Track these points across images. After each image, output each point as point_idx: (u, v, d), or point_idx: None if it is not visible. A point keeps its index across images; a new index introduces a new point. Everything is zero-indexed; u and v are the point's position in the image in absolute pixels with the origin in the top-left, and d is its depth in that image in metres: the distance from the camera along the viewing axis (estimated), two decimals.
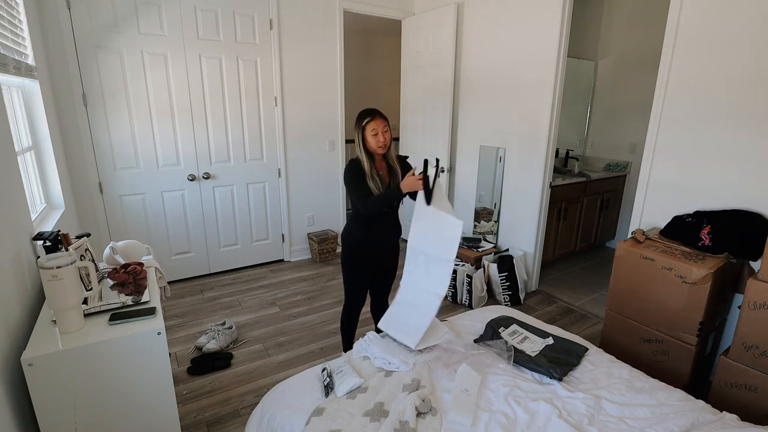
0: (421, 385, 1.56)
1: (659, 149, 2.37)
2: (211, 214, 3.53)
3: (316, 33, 3.63)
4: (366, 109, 1.96)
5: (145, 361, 1.40)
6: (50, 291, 1.29)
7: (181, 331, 2.77)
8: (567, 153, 4.27)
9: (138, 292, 1.56)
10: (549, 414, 1.44)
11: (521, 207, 3.34)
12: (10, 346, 1.29)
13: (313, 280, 3.60)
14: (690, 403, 1.50)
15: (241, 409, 2.08)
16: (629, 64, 4.00)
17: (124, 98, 3.00)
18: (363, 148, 1.94)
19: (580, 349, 1.83)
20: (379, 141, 1.91)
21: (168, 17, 3.02)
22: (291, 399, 1.57)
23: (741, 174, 2.06)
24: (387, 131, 1.93)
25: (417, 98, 4.02)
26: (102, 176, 3.04)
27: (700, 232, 2.06)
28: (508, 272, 3.14)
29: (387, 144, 1.95)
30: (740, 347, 1.76)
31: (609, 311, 2.28)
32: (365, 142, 1.93)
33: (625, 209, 4.22)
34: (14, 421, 1.23)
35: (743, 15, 1.97)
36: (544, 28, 2.91)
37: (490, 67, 3.37)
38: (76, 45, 2.77)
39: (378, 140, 1.91)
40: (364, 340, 1.86)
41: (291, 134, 3.72)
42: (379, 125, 1.90)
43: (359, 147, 1.94)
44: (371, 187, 1.94)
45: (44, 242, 1.57)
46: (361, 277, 2.17)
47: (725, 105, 2.08)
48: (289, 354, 2.54)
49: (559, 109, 3.00)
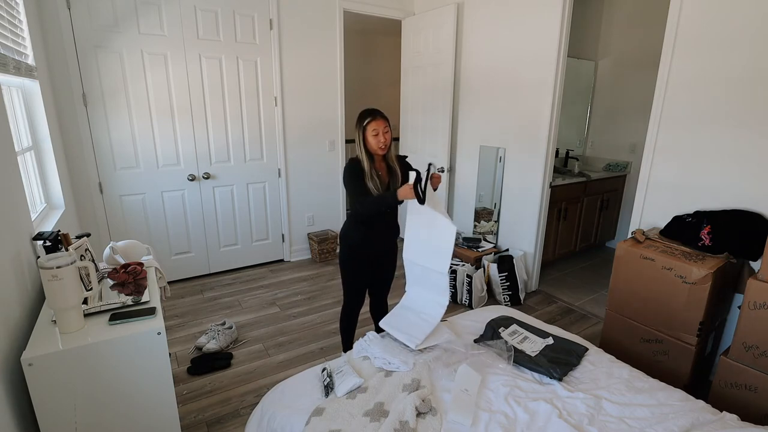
0: (421, 385, 1.56)
1: (659, 149, 2.37)
2: (211, 214, 3.53)
3: (316, 33, 3.63)
4: (367, 109, 1.96)
5: (145, 361, 1.39)
6: (50, 291, 1.29)
7: (181, 331, 2.77)
8: (567, 153, 4.27)
9: (138, 292, 1.56)
10: (549, 414, 1.44)
11: (521, 207, 3.34)
12: (10, 346, 1.29)
13: (313, 280, 3.60)
14: (690, 403, 1.50)
15: (241, 409, 2.08)
16: (629, 64, 4.00)
17: (124, 98, 3.00)
18: (363, 148, 1.94)
19: (580, 349, 1.83)
20: (380, 141, 1.91)
21: (168, 17, 3.02)
22: (291, 399, 1.57)
23: (741, 174, 2.06)
24: (388, 132, 1.94)
25: (417, 98, 4.02)
26: (102, 176, 3.05)
27: (700, 232, 2.06)
28: (508, 272, 3.14)
29: (387, 144, 1.95)
30: (740, 347, 1.76)
31: (609, 311, 2.28)
32: (366, 142, 1.93)
33: (625, 209, 4.22)
34: (14, 421, 1.23)
35: (743, 15, 1.97)
36: (544, 28, 2.91)
37: (490, 67, 3.37)
38: (76, 45, 2.77)
39: (378, 141, 1.91)
40: (364, 340, 1.86)
41: (291, 134, 3.72)
42: (380, 126, 1.90)
43: (359, 147, 1.94)
44: (370, 187, 1.94)
45: (44, 242, 1.57)
46: (361, 277, 2.16)
47: (725, 105, 2.08)
48: (289, 354, 2.54)
49: (559, 109, 3.00)
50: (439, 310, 1.87)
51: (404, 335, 1.81)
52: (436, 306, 1.89)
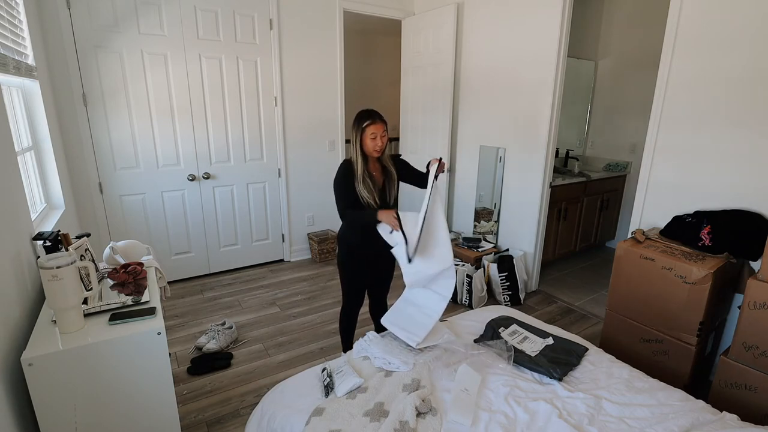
0: (421, 385, 1.56)
1: (659, 149, 2.37)
2: (211, 214, 3.53)
3: (316, 33, 3.63)
4: (366, 110, 1.95)
5: (145, 361, 1.39)
6: (50, 291, 1.29)
7: (181, 331, 2.77)
8: (567, 153, 4.27)
9: (138, 292, 1.56)
10: (549, 414, 1.44)
11: (521, 207, 3.34)
12: (10, 346, 1.29)
13: (313, 280, 3.60)
14: (690, 403, 1.50)
15: (241, 409, 2.08)
16: (629, 64, 4.00)
17: (124, 98, 3.00)
18: (360, 150, 1.94)
19: (580, 349, 1.83)
20: (377, 145, 1.92)
21: (168, 17, 3.02)
22: (291, 399, 1.57)
23: (741, 174, 2.06)
24: (385, 135, 1.95)
25: (417, 98, 4.02)
26: (102, 176, 3.05)
27: (700, 232, 2.06)
28: (508, 272, 3.14)
29: (383, 148, 1.96)
30: (740, 347, 1.76)
31: (609, 311, 2.28)
32: (362, 143, 1.93)
33: (625, 209, 4.22)
34: (14, 421, 1.23)
35: (743, 15, 1.97)
36: (544, 28, 2.91)
37: (490, 67, 3.37)
38: (76, 45, 2.77)
39: (376, 144, 1.92)
40: (364, 340, 1.86)
41: (291, 134, 3.72)
42: (378, 130, 1.91)
43: (356, 148, 1.94)
44: (360, 189, 1.94)
45: (44, 242, 1.57)
46: (360, 277, 2.17)
47: (725, 105, 2.08)
48: (289, 354, 2.54)
49: (559, 109, 3.00)
50: (441, 304, 1.87)
51: (405, 333, 1.81)
52: (438, 300, 1.88)
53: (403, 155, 2.17)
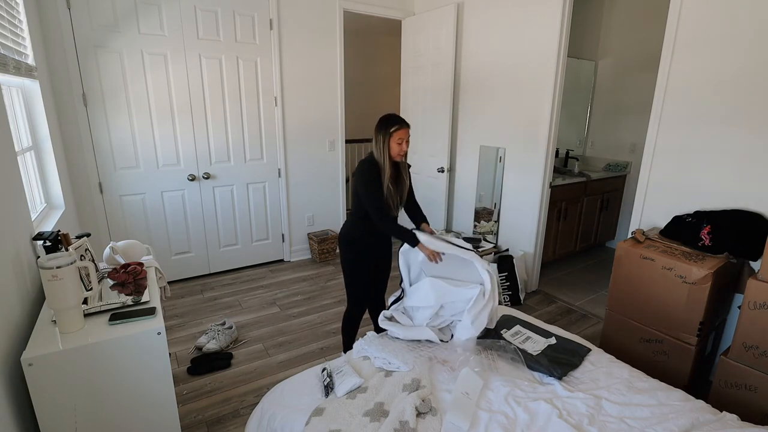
0: (421, 385, 1.56)
1: (659, 149, 2.37)
2: (211, 214, 3.52)
3: (316, 33, 3.63)
4: (393, 115, 1.97)
5: (145, 361, 1.40)
6: (50, 291, 1.29)
7: (181, 331, 2.77)
8: (567, 153, 4.27)
9: (138, 292, 1.56)
10: (549, 414, 1.44)
11: (521, 207, 3.33)
12: (10, 346, 1.29)
13: (313, 280, 3.60)
14: (690, 403, 1.51)
15: (241, 409, 2.08)
16: (629, 64, 4.00)
17: (124, 98, 3.00)
18: (387, 154, 1.94)
19: (583, 350, 1.83)
20: (403, 149, 1.94)
21: (168, 17, 3.01)
22: (291, 399, 1.57)
23: (741, 174, 2.06)
24: (409, 140, 1.97)
25: (417, 98, 4.02)
26: (102, 176, 3.04)
27: (700, 232, 2.06)
28: (508, 272, 3.14)
29: (406, 153, 1.99)
30: (740, 347, 1.76)
31: (609, 311, 2.28)
32: (389, 148, 1.93)
33: (625, 209, 4.22)
34: (14, 421, 1.23)
35: (743, 15, 1.97)
36: (544, 28, 2.91)
37: (490, 67, 3.37)
38: (76, 45, 2.77)
39: (402, 149, 1.93)
40: (364, 340, 1.87)
41: (291, 134, 3.72)
42: (405, 135, 1.93)
43: (383, 152, 1.93)
44: (385, 192, 1.96)
45: (44, 242, 1.57)
46: (367, 277, 2.15)
47: (725, 105, 2.08)
48: (289, 354, 2.54)
49: (559, 109, 3.00)
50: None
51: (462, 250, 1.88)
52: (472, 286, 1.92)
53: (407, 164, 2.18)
